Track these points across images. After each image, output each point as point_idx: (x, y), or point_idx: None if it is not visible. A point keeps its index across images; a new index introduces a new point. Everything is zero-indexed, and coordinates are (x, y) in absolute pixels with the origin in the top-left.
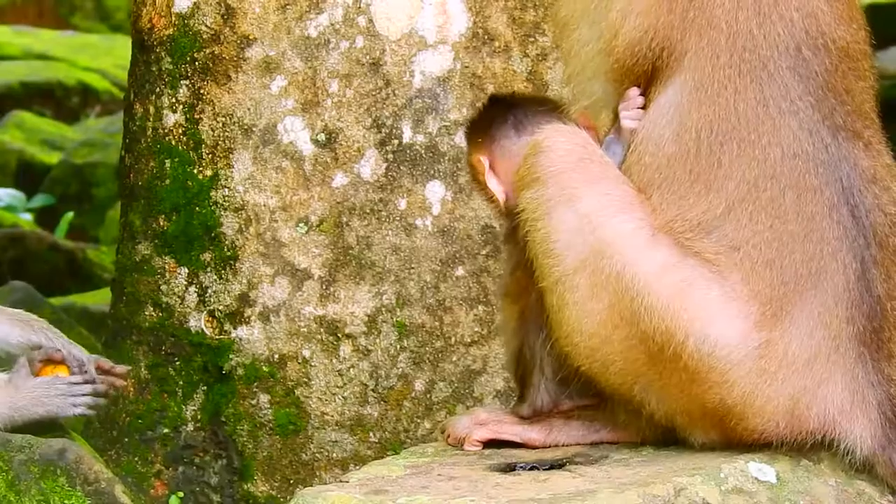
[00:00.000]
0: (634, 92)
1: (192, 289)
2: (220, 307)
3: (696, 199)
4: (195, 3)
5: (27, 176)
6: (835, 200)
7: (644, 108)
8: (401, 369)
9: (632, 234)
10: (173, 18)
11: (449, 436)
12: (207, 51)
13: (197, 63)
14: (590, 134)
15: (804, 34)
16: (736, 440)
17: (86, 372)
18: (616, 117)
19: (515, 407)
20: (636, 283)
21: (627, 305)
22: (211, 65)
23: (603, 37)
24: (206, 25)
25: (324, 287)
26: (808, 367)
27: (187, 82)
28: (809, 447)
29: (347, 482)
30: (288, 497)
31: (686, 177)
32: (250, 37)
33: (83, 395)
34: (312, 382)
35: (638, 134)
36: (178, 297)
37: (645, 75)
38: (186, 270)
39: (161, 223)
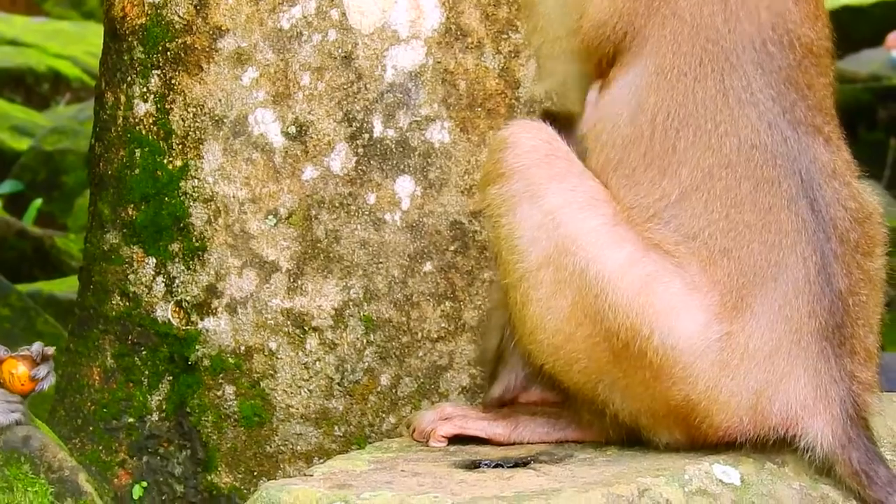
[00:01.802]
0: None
1: (160, 279)
2: (188, 298)
3: (651, 186)
4: None
5: None
6: (793, 193)
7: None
8: (367, 363)
9: (595, 230)
10: (146, 8)
11: (414, 430)
12: (179, 41)
13: (169, 53)
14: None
15: (770, 31)
16: (700, 439)
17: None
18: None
19: (487, 393)
20: (600, 280)
21: (591, 303)
22: (183, 55)
23: (570, 16)
24: (179, 15)
25: (291, 280)
26: (769, 361)
27: (159, 72)
28: (772, 445)
29: (311, 476)
30: (251, 489)
31: (640, 160)
32: (223, 28)
33: (17, 402)
34: (278, 375)
35: (596, 112)
36: (146, 286)
37: (607, 57)
38: (154, 260)
39: (130, 213)
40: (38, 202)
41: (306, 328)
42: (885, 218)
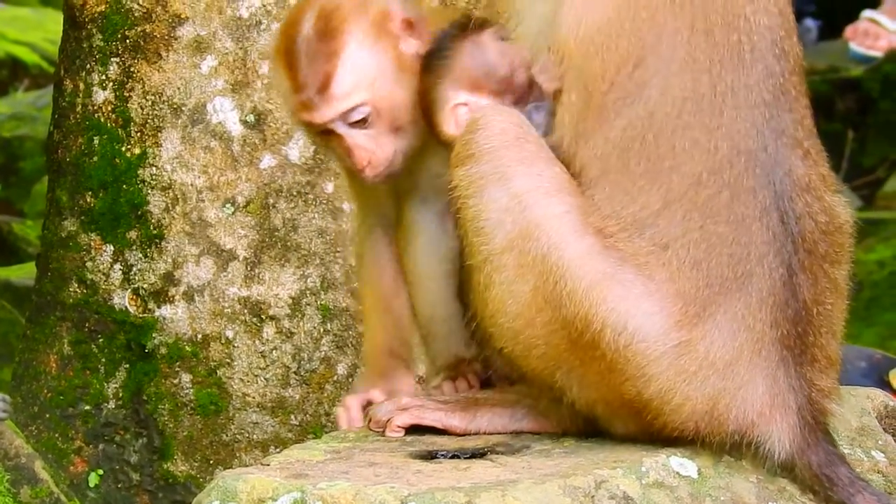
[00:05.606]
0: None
1: (118, 266)
2: (145, 286)
3: (638, 194)
4: None
5: None
6: (766, 204)
7: None
8: (323, 352)
9: (559, 217)
10: None
11: (371, 420)
12: (139, 29)
13: (128, 41)
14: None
15: (781, 31)
16: (654, 434)
17: None
18: (533, 82)
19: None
20: (559, 268)
21: (551, 289)
22: (142, 43)
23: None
24: (139, 3)
25: (248, 268)
26: (729, 369)
27: (118, 60)
28: (729, 447)
29: (268, 465)
30: (208, 477)
31: (637, 167)
32: (182, 16)
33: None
34: (235, 363)
35: (618, 107)
36: (103, 274)
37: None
38: (112, 248)
39: (88, 200)
40: None
41: (263, 317)
42: (853, 228)
